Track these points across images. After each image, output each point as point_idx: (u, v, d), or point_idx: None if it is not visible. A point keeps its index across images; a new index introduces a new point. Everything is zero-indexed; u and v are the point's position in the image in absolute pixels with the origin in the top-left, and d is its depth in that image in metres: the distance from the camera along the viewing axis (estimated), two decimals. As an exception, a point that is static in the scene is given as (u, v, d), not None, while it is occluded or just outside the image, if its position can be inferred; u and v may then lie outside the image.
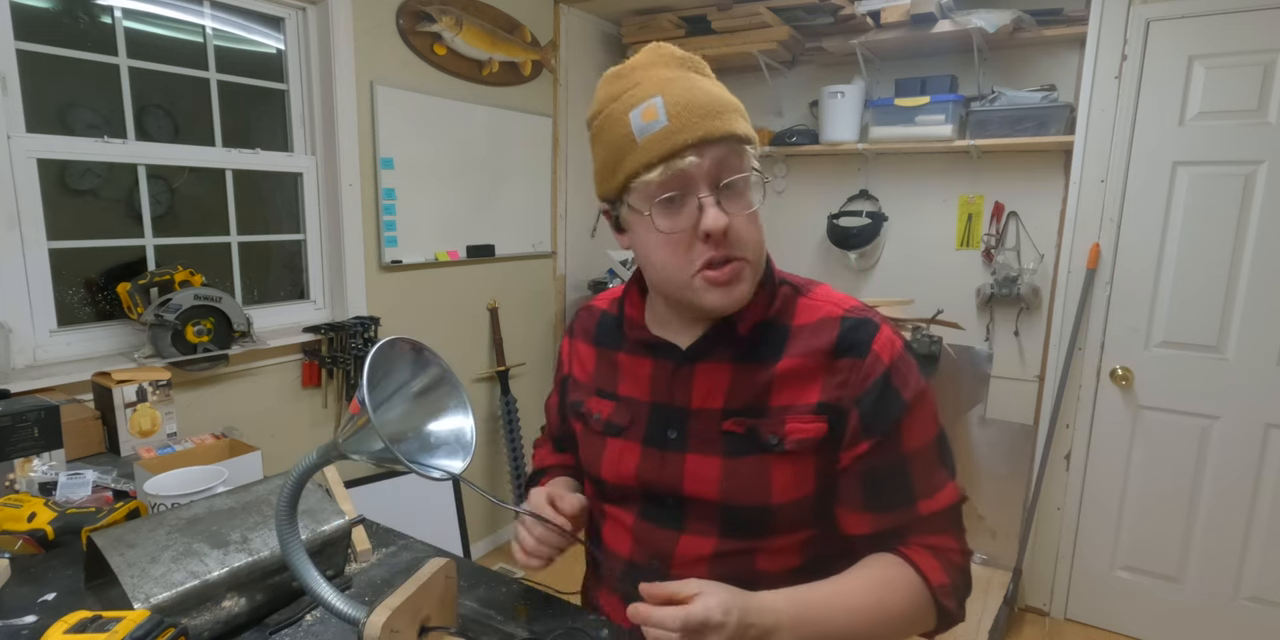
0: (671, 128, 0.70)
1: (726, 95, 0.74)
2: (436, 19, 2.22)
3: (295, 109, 2.09)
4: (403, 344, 0.72)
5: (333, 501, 0.95)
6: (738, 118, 0.73)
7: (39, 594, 0.89)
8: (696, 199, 0.71)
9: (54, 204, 1.63)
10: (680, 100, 0.70)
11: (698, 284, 0.74)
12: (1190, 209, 2.07)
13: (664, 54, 0.76)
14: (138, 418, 1.47)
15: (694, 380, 0.81)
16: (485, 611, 0.88)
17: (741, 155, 0.72)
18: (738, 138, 0.72)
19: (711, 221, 0.70)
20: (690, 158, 0.69)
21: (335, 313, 2.20)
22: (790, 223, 2.83)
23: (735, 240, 0.72)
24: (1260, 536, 2.08)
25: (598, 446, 0.88)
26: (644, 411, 0.84)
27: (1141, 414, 2.21)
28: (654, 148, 0.70)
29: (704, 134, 0.69)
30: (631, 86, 0.74)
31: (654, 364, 0.84)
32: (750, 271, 0.75)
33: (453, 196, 2.45)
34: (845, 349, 0.77)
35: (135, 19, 1.75)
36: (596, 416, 0.88)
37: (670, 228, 0.73)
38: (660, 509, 0.83)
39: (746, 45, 2.50)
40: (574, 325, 0.98)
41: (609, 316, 0.92)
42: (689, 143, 0.69)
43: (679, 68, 0.75)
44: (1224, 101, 1.99)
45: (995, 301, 2.46)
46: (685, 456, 0.80)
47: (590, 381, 0.91)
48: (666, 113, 0.70)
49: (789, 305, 0.81)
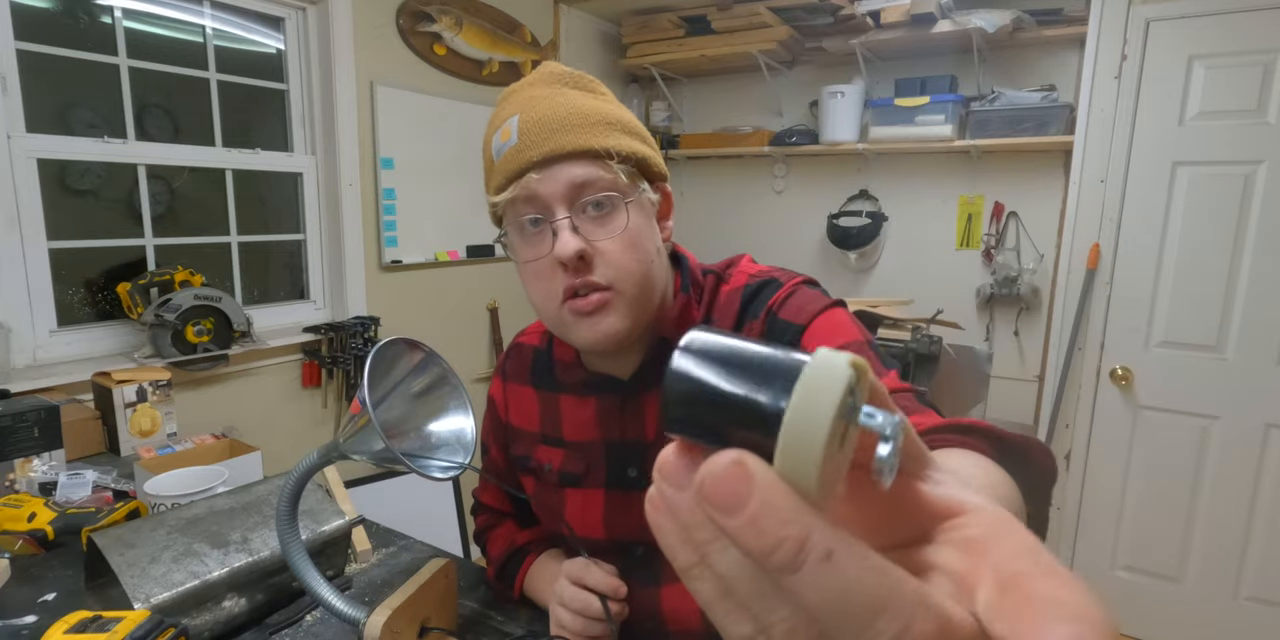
0: (519, 145, 0.65)
1: (601, 109, 0.67)
2: (436, 19, 2.22)
3: (295, 109, 2.09)
4: (403, 344, 0.72)
5: (333, 501, 0.95)
6: (608, 132, 0.66)
7: (39, 594, 0.89)
8: (551, 222, 0.65)
9: (54, 204, 1.63)
10: (534, 117, 0.65)
11: (565, 317, 0.67)
12: (1190, 209, 2.07)
13: (545, 73, 0.72)
14: (138, 418, 1.47)
15: (644, 411, 0.75)
16: (485, 611, 0.88)
17: (610, 173, 0.65)
18: (595, 153, 0.64)
19: (559, 247, 0.64)
20: (532, 174, 0.64)
21: (335, 313, 2.20)
22: (790, 223, 2.83)
23: (598, 267, 0.65)
24: (1260, 536, 2.08)
25: (555, 502, 0.80)
26: (598, 453, 0.77)
27: (1141, 414, 2.21)
28: (503, 168, 0.66)
29: (549, 150, 0.63)
30: (502, 109, 0.70)
31: (598, 401, 0.77)
32: (623, 302, 0.66)
33: (453, 196, 2.45)
34: (748, 317, 0.72)
35: (135, 19, 1.75)
36: (548, 467, 0.80)
37: (530, 255, 0.67)
38: (632, 563, 0.76)
39: (746, 45, 2.50)
40: (506, 366, 0.88)
41: (541, 353, 0.84)
42: (533, 160, 0.64)
43: (554, 85, 0.70)
44: (1224, 101, 1.99)
45: (995, 301, 2.46)
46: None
47: (534, 428, 0.83)
48: (518, 131, 0.65)
49: (714, 298, 0.76)
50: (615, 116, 0.68)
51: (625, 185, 0.67)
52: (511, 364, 0.88)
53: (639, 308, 0.68)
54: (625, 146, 0.66)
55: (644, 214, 0.69)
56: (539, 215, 0.66)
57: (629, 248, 0.66)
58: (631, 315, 0.67)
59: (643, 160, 0.69)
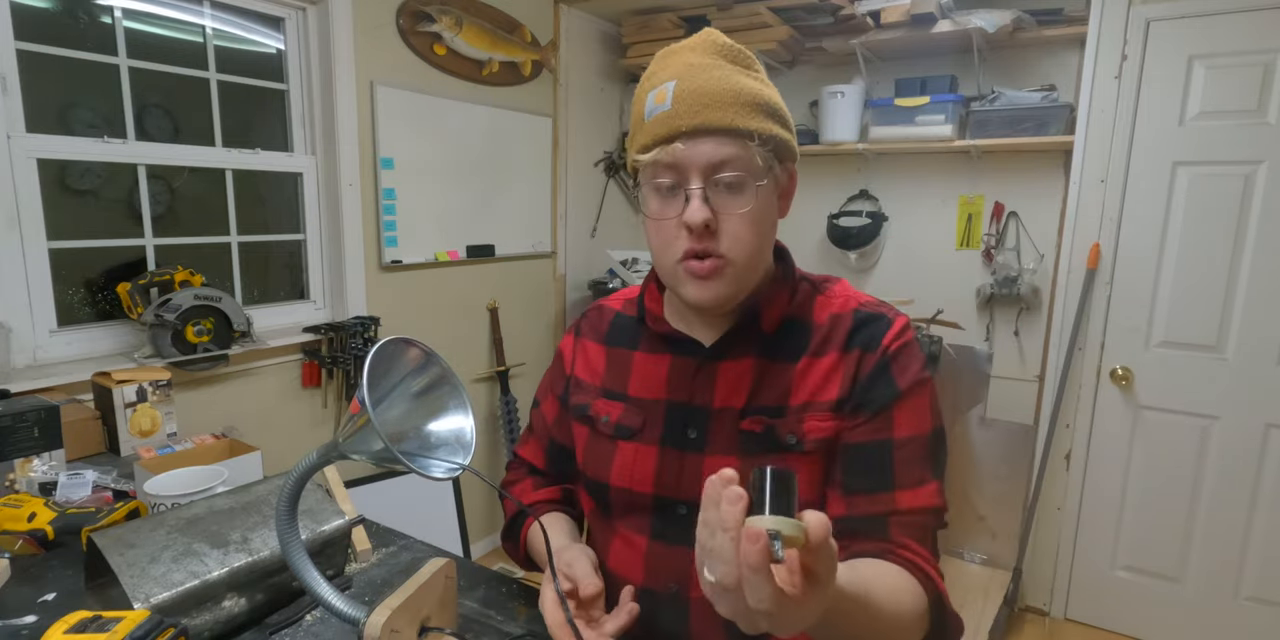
0: (672, 112, 0.69)
1: (754, 89, 0.71)
2: (436, 19, 2.22)
3: (295, 109, 2.09)
4: (403, 344, 0.72)
5: (333, 501, 0.95)
6: (754, 114, 0.69)
7: (39, 594, 0.89)
8: (686, 189, 0.70)
9: (54, 204, 1.63)
10: (690, 87, 0.69)
11: (680, 273, 0.73)
12: (1190, 209, 2.07)
13: (705, 40, 0.75)
14: (138, 418, 1.47)
15: (717, 378, 0.78)
16: (485, 611, 0.88)
17: (748, 153, 0.69)
18: (741, 133, 0.68)
19: (689, 214, 0.69)
20: (678, 144, 0.68)
21: (335, 313, 2.20)
22: (790, 223, 2.81)
23: (721, 237, 0.70)
24: (1260, 536, 2.08)
25: (606, 452, 0.84)
26: (658, 412, 0.81)
27: (1141, 414, 2.21)
28: (653, 130, 0.70)
29: (700, 123, 0.68)
30: (661, 68, 0.73)
31: (673, 361, 0.81)
32: (734, 271, 0.72)
33: (453, 196, 2.45)
34: (856, 344, 0.76)
35: (135, 19, 1.75)
36: (605, 419, 0.84)
37: (657, 213, 0.72)
38: (672, 523, 0.79)
39: (746, 45, 2.50)
40: (581, 324, 0.94)
41: (623, 316, 0.90)
42: (682, 130, 0.68)
43: (713, 55, 0.73)
44: (1224, 101, 1.99)
45: (995, 301, 2.46)
46: (704, 458, 0.78)
47: (597, 382, 0.87)
48: (673, 97, 0.69)
49: (808, 302, 0.81)
50: (765, 98, 0.72)
51: (759, 168, 0.70)
52: (587, 323, 0.93)
53: (746, 277, 0.74)
54: (768, 130, 0.70)
55: (770, 195, 0.73)
56: (675, 181, 0.70)
57: (751, 224, 0.71)
58: (739, 283, 0.73)
59: (781, 144, 0.72)
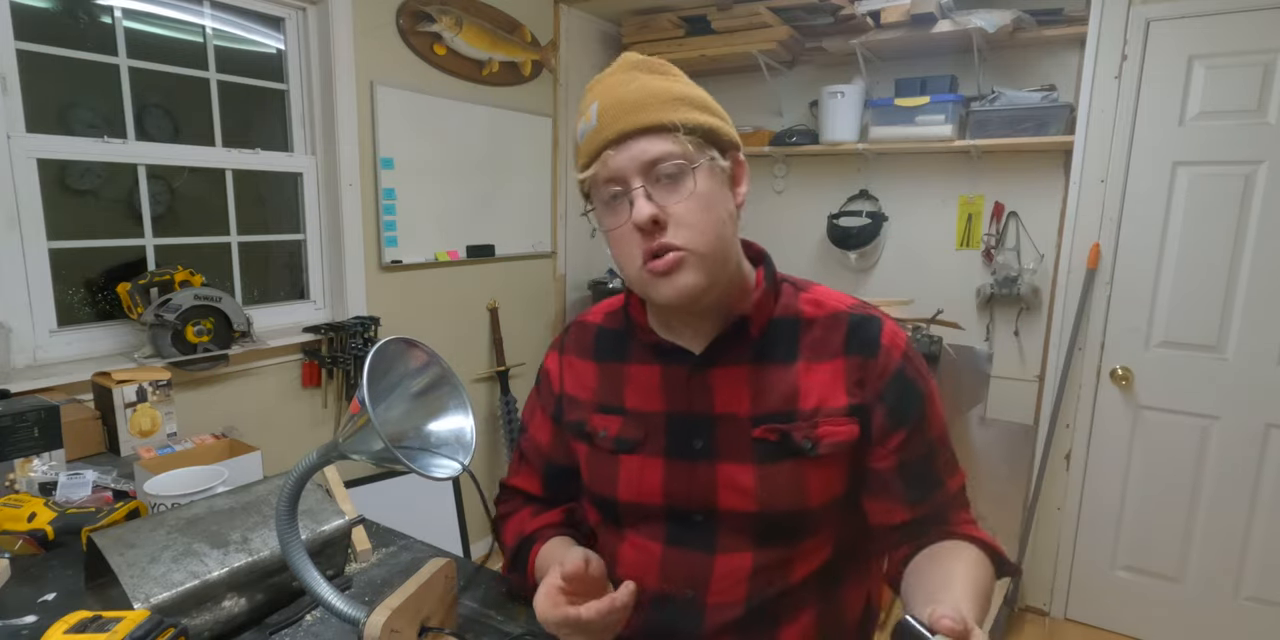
0: (598, 127, 0.72)
1: (670, 87, 0.73)
2: (436, 19, 2.22)
3: (295, 109, 2.09)
4: (403, 344, 0.72)
5: (333, 501, 0.95)
6: (675, 107, 0.72)
7: (39, 594, 0.89)
8: (629, 194, 0.72)
9: (54, 204, 1.63)
10: (610, 100, 0.73)
11: (645, 277, 0.73)
12: (1190, 209, 2.07)
13: (622, 61, 0.79)
14: (138, 418, 1.47)
15: (713, 385, 0.79)
16: (485, 611, 0.88)
17: (680, 145, 0.71)
18: (666, 126, 0.70)
19: (635, 213, 0.70)
20: (609, 151, 0.71)
21: (335, 313, 2.20)
22: (790, 223, 2.83)
23: (672, 228, 0.71)
24: (1260, 536, 2.08)
25: (609, 467, 0.83)
26: (659, 423, 0.81)
27: (1141, 414, 2.21)
28: (585, 149, 0.74)
29: (621, 129, 0.70)
30: (586, 97, 0.77)
31: (665, 371, 0.81)
32: (696, 260, 0.71)
33: (453, 196, 2.45)
34: (854, 347, 0.77)
35: (135, 19, 1.75)
36: (603, 434, 0.83)
37: (612, 224, 0.74)
38: (688, 529, 0.79)
39: (746, 45, 2.50)
40: (565, 342, 0.92)
41: (606, 330, 0.89)
42: (609, 139, 0.71)
43: (629, 71, 0.76)
44: (1224, 101, 1.99)
45: (995, 301, 2.46)
46: (716, 466, 0.78)
47: (591, 397, 0.86)
48: (597, 114, 0.73)
49: (793, 301, 0.81)
50: (682, 93, 0.74)
51: (692, 154, 0.72)
52: (571, 340, 0.92)
53: (713, 265, 0.73)
54: (692, 119, 0.72)
55: (713, 179, 0.73)
56: (618, 188, 0.72)
57: (700, 210, 0.71)
58: (706, 271, 0.72)
59: (710, 130, 0.73)
